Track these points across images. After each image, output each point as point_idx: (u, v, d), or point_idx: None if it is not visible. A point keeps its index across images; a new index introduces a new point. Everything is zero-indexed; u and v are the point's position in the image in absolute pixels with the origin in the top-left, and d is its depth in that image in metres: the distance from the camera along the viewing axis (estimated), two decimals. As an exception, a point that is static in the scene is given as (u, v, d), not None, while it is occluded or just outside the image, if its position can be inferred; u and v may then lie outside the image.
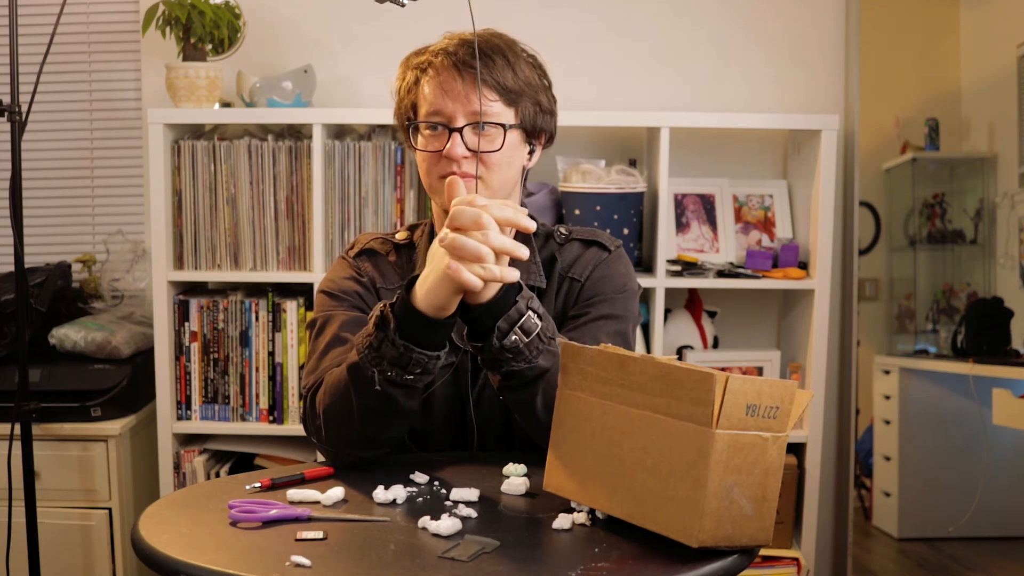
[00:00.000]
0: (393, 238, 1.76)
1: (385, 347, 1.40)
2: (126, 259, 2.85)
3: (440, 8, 2.01)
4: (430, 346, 1.41)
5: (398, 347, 1.39)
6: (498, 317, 1.41)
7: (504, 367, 1.44)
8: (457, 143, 1.58)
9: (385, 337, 1.40)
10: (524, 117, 1.64)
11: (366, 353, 1.43)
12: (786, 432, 1.16)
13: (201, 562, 1.12)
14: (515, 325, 1.41)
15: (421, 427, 1.66)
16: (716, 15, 2.88)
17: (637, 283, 1.73)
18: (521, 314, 1.42)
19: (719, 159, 2.87)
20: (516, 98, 1.62)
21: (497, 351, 1.42)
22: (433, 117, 1.60)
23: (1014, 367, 3.01)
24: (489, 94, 1.60)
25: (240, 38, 2.75)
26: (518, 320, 1.41)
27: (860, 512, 3.39)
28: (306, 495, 1.35)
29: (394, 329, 1.39)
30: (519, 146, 1.66)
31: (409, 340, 1.39)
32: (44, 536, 2.41)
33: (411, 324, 1.39)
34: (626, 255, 1.74)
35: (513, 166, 1.65)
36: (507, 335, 1.41)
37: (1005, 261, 3.19)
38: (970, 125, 3.30)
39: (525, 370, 1.44)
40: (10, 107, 2.26)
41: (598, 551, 1.17)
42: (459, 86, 1.58)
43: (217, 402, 2.65)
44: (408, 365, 1.41)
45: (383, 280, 1.71)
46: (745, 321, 2.91)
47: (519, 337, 1.42)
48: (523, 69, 1.64)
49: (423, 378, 1.44)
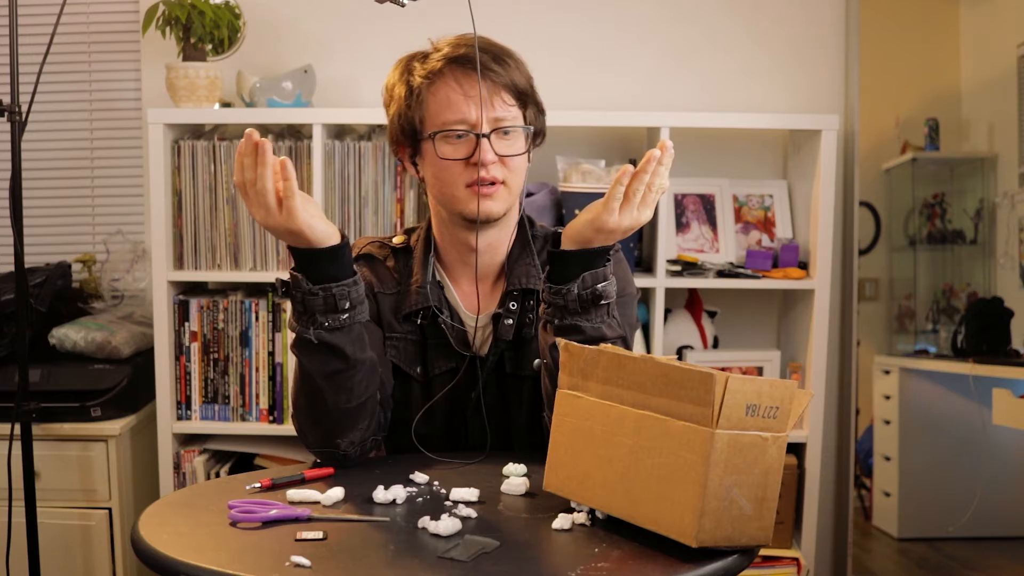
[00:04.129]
0: (390, 242, 1.76)
1: (309, 301, 1.46)
2: (126, 259, 2.85)
3: (440, 8, 2.01)
4: (342, 276, 1.47)
5: (316, 292, 1.45)
6: (586, 267, 1.48)
7: (568, 319, 1.50)
8: (487, 149, 1.58)
9: (304, 293, 1.46)
10: (532, 119, 1.66)
11: (299, 321, 1.48)
12: (786, 432, 1.16)
13: (201, 562, 1.13)
14: (599, 282, 1.49)
15: (423, 433, 1.67)
16: (716, 15, 2.88)
17: (635, 287, 1.74)
18: (607, 277, 1.50)
19: (719, 159, 2.87)
20: (527, 100, 1.65)
21: (573, 300, 1.48)
22: (457, 125, 1.59)
23: (1014, 367, 3.01)
24: (507, 97, 1.61)
25: (240, 38, 2.75)
26: (602, 281, 1.49)
27: (860, 512, 3.39)
28: (306, 495, 1.35)
29: (305, 280, 1.45)
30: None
31: (322, 282, 1.45)
32: (44, 536, 2.41)
33: (311, 266, 1.45)
34: (624, 259, 1.75)
35: (524, 169, 1.67)
36: (590, 287, 1.48)
37: (1005, 261, 3.19)
38: (970, 125, 3.30)
39: (588, 328, 1.50)
40: (10, 107, 2.26)
41: (598, 551, 1.17)
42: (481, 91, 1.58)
43: (217, 402, 2.65)
44: (336, 304, 1.47)
45: (380, 285, 1.71)
46: (745, 321, 2.91)
47: (601, 291, 1.48)
48: (524, 70, 1.66)
49: (358, 311, 1.50)
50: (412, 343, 1.69)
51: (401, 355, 1.69)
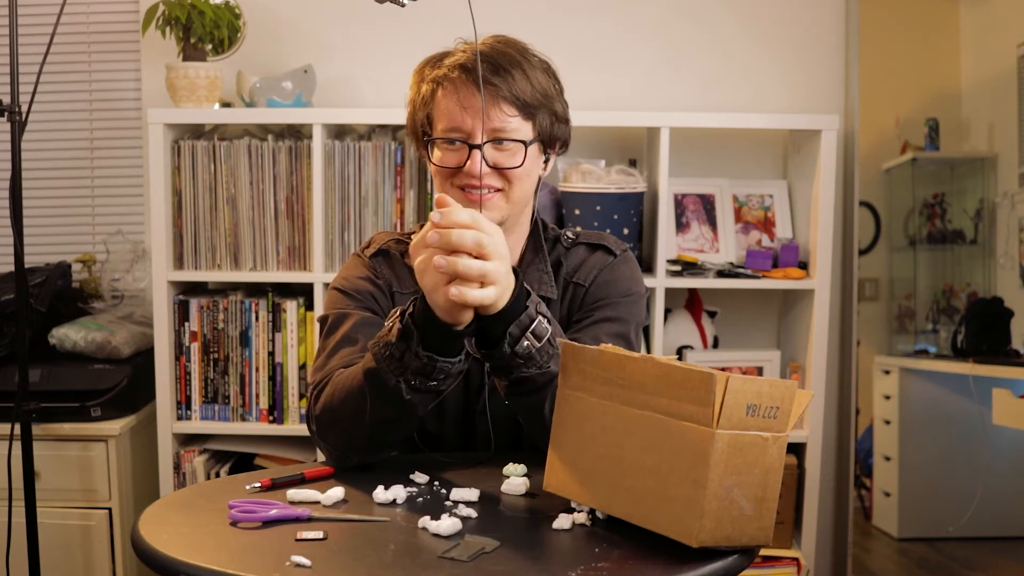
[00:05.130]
0: (408, 239, 1.73)
1: (408, 358, 1.39)
2: (126, 259, 2.85)
3: (440, 8, 2.01)
4: (452, 353, 1.40)
5: (422, 358, 1.38)
6: (509, 323, 1.39)
7: (515, 373, 1.43)
8: (476, 160, 1.56)
9: (407, 348, 1.38)
10: (542, 129, 1.62)
11: (387, 363, 1.41)
12: (786, 432, 1.16)
13: (201, 562, 1.12)
14: (527, 330, 1.40)
15: (433, 431, 1.66)
16: (717, 15, 2.88)
17: (644, 287, 1.72)
18: (532, 319, 1.41)
19: (719, 159, 2.87)
20: (534, 111, 1.60)
21: (509, 357, 1.41)
22: (452, 133, 1.59)
23: (1014, 367, 3.01)
24: (507, 109, 1.58)
25: (240, 38, 2.74)
26: (529, 325, 1.40)
27: (860, 512, 3.39)
28: (306, 495, 1.35)
29: (418, 341, 1.38)
30: (537, 157, 1.65)
31: (432, 351, 1.38)
32: (44, 536, 2.41)
33: (434, 335, 1.37)
34: (633, 258, 1.73)
35: (532, 178, 1.64)
36: (519, 341, 1.40)
37: (1005, 261, 3.19)
38: (970, 125, 3.30)
39: (536, 375, 1.43)
40: (10, 107, 2.26)
41: (598, 551, 1.17)
42: (478, 102, 1.56)
43: (217, 402, 2.65)
44: (432, 373, 1.40)
45: (399, 284, 1.69)
46: (745, 321, 2.91)
47: (531, 343, 1.40)
48: (539, 79, 1.62)
49: (446, 382, 1.43)
50: None
51: None
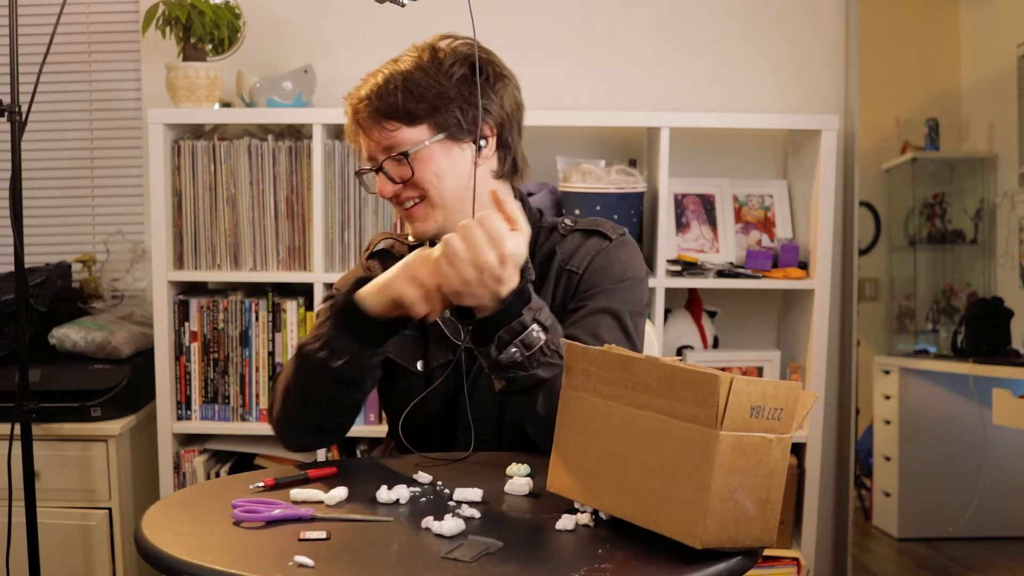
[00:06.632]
0: (406, 240, 1.75)
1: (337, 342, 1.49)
2: (126, 259, 2.85)
3: (440, 8, 2.01)
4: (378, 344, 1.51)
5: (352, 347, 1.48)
6: (500, 328, 1.42)
7: (503, 373, 1.46)
8: (383, 182, 1.62)
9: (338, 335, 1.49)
10: (442, 125, 1.60)
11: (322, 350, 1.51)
12: (790, 434, 1.16)
13: (204, 562, 1.12)
14: (516, 337, 1.42)
15: (423, 423, 1.66)
16: (716, 15, 2.88)
17: (643, 270, 1.69)
18: (524, 327, 1.42)
19: (719, 159, 2.87)
20: (421, 115, 1.59)
21: (494, 360, 1.44)
22: (367, 163, 1.67)
23: (1014, 367, 3.02)
24: (388, 124, 1.60)
25: (240, 38, 2.74)
26: (520, 333, 1.42)
27: (860, 512, 3.39)
28: (309, 495, 1.35)
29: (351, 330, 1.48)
30: (450, 154, 1.61)
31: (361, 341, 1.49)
32: (44, 536, 2.41)
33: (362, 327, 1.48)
34: (631, 242, 1.70)
35: (452, 175, 1.61)
36: (507, 347, 1.42)
37: (1005, 261, 3.19)
38: (970, 125, 3.30)
39: (523, 378, 1.46)
40: (10, 107, 2.26)
41: (601, 552, 1.17)
42: (372, 127, 1.61)
43: (217, 402, 2.65)
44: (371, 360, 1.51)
45: None
46: (745, 321, 2.91)
47: (519, 350, 1.42)
48: (422, 81, 1.59)
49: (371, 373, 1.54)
50: (413, 339, 1.69)
51: (402, 351, 1.69)
